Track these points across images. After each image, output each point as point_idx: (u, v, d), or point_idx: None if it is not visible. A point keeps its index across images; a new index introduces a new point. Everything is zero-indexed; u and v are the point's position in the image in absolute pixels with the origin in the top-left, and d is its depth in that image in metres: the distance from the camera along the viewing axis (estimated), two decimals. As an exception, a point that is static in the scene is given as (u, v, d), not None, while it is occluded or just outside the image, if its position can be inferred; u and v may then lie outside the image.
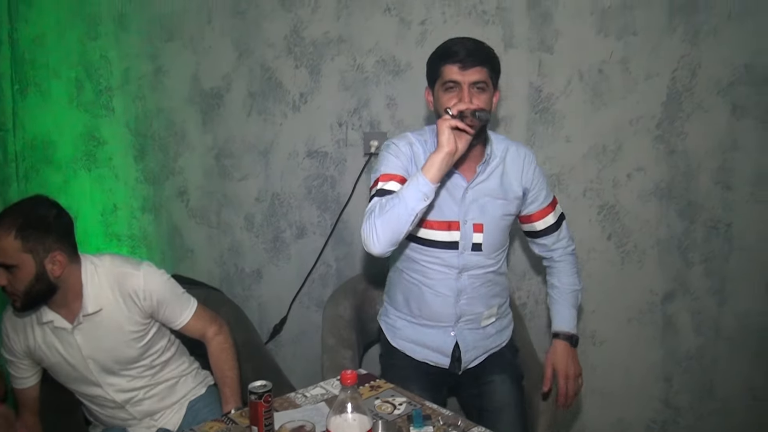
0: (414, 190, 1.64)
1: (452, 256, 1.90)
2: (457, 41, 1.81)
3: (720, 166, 2.53)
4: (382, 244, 1.69)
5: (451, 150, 1.63)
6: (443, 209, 1.86)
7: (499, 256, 1.99)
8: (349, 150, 2.70)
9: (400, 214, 1.65)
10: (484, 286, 1.96)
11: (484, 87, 1.77)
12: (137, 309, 1.89)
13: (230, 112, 2.72)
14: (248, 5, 2.64)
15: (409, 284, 1.98)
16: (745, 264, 2.58)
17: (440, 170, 1.64)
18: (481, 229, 1.89)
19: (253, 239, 2.80)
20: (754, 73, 2.46)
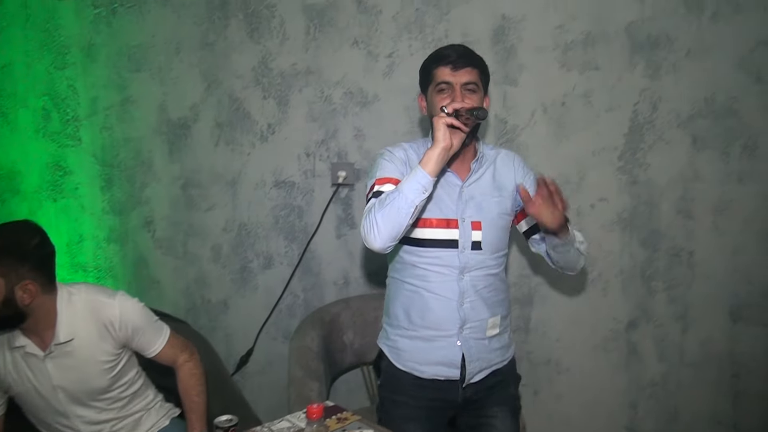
0: (413, 183, 1.62)
1: (452, 256, 1.81)
2: (448, 46, 1.83)
3: (681, 195, 2.52)
4: (383, 238, 1.63)
5: (446, 145, 1.62)
6: (441, 207, 1.80)
7: (499, 260, 1.89)
8: (316, 180, 2.63)
9: (400, 207, 1.61)
10: (487, 290, 1.85)
11: (475, 88, 1.77)
12: (111, 339, 1.82)
13: (198, 143, 2.64)
14: (217, 37, 2.59)
15: (409, 293, 1.86)
16: (708, 291, 2.53)
17: (437, 164, 1.62)
18: (480, 226, 1.82)
19: (220, 270, 2.71)
20: (713, 106, 2.44)
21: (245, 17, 2.55)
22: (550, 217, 1.71)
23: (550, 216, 1.71)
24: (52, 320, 1.77)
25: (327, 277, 2.66)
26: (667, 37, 2.43)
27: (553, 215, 1.70)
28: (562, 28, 2.47)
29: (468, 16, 2.47)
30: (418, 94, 1.91)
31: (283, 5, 2.54)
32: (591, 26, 2.46)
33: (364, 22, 2.52)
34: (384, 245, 1.66)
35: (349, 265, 2.65)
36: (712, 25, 2.41)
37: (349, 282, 2.67)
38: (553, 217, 1.70)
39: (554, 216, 1.70)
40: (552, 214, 1.70)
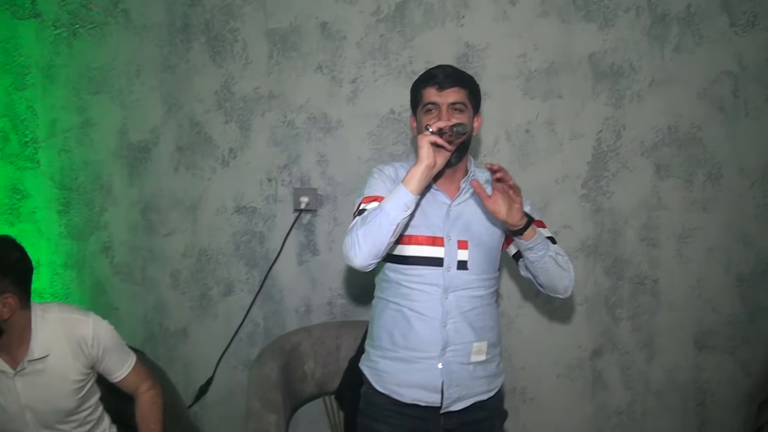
0: (395, 200, 1.58)
1: (437, 274, 1.71)
2: (437, 66, 1.77)
3: (645, 223, 2.45)
4: (364, 255, 1.59)
5: (430, 163, 1.57)
6: (428, 225, 1.73)
7: (487, 282, 1.77)
8: (278, 206, 2.50)
9: (381, 225, 1.57)
10: (474, 312, 1.73)
11: (463, 108, 1.71)
12: (83, 357, 1.78)
13: (157, 166, 2.50)
14: (179, 60, 2.48)
15: (393, 312, 1.76)
16: (673, 319, 2.44)
17: (420, 182, 1.57)
18: (466, 246, 1.73)
19: (179, 297, 2.56)
20: (676, 134, 2.38)
21: (208, 41, 2.46)
22: (507, 210, 1.61)
23: (506, 209, 1.61)
24: (26, 336, 1.73)
25: (288, 304, 2.54)
26: (631, 67, 2.38)
27: (510, 208, 1.61)
28: (525, 57, 2.41)
29: (432, 44, 2.40)
30: (411, 116, 1.85)
31: (246, 29, 2.45)
32: (554, 55, 2.40)
33: (328, 48, 2.44)
34: (365, 262, 1.61)
35: (311, 293, 2.54)
36: (676, 56, 2.37)
37: (311, 309, 2.55)
38: (510, 211, 1.61)
39: (512, 210, 1.61)
40: (510, 207, 1.61)
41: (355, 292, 2.52)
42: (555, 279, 1.73)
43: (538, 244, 1.66)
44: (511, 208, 1.61)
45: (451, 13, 2.40)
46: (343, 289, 2.53)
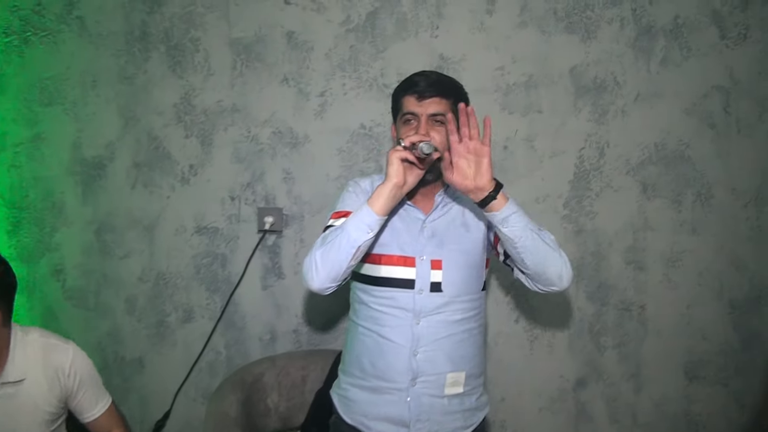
0: (357, 220, 1.45)
1: (407, 297, 1.56)
2: (420, 73, 1.61)
3: (631, 246, 2.29)
4: (321, 278, 1.46)
5: (398, 182, 1.45)
6: (400, 244, 1.58)
7: (466, 306, 1.59)
8: (241, 226, 2.33)
9: (341, 246, 1.44)
10: (450, 340, 1.56)
11: (444, 120, 1.54)
12: (58, 387, 1.67)
13: (113, 184, 2.32)
14: (136, 71, 2.32)
15: (363, 337, 1.61)
16: (661, 348, 2.27)
17: (387, 202, 1.45)
18: (440, 266, 1.57)
19: (135, 324, 2.38)
20: (664, 152, 2.24)
21: (167, 50, 2.30)
22: (475, 172, 1.44)
23: (474, 172, 1.44)
24: (3, 358, 1.62)
25: (252, 331, 2.36)
26: (615, 81, 2.24)
27: (479, 168, 1.44)
28: (503, 70, 2.26)
29: (404, 55, 2.25)
30: (392, 124, 1.70)
31: (208, 38, 2.29)
32: (533, 68, 2.26)
33: (294, 59, 2.29)
34: (322, 286, 1.48)
35: (275, 319, 2.36)
36: (662, 69, 2.22)
37: (276, 337, 2.37)
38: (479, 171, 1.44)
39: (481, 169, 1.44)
40: (478, 167, 1.44)
41: (323, 318, 2.34)
42: (544, 261, 1.49)
43: (513, 213, 1.45)
44: (480, 166, 1.43)
45: (425, 24, 2.25)
46: (310, 316, 2.35)
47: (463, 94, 1.63)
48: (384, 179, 1.48)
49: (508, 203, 1.46)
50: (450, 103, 1.56)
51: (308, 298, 2.34)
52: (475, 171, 1.45)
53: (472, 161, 1.46)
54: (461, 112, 1.45)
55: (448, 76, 1.65)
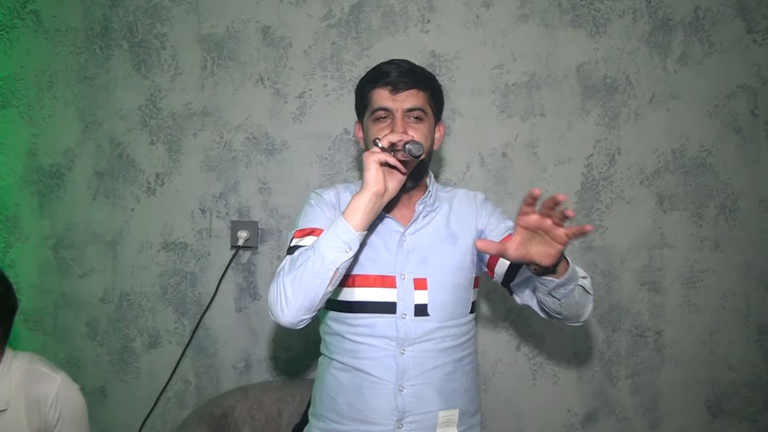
0: (332, 239, 1.21)
1: (389, 324, 1.33)
2: (390, 62, 1.38)
3: (646, 265, 2.03)
4: (293, 310, 1.22)
5: (378, 190, 1.22)
6: (377, 260, 1.36)
7: (456, 331, 1.37)
8: (213, 242, 2.08)
9: (315, 270, 1.20)
10: (439, 372, 1.35)
11: (422, 116, 1.35)
12: (36, 419, 1.52)
13: (72, 195, 2.08)
14: (97, 70, 2.08)
15: (337, 373, 1.38)
16: (680, 378, 2.01)
17: (366, 215, 1.22)
18: (425, 285, 1.35)
19: (97, 349, 2.12)
20: (682, 159, 1.98)
21: (131, 48, 2.06)
22: (544, 251, 1.12)
23: (543, 250, 1.12)
24: None
25: (224, 359, 2.10)
26: (627, 81, 1.99)
27: (548, 248, 1.12)
28: (501, 69, 2.02)
29: (392, 52, 2.00)
30: (356, 122, 1.47)
31: (176, 35, 2.06)
32: (535, 67, 2.01)
33: (270, 57, 2.05)
34: (294, 319, 1.24)
35: (250, 345, 2.10)
36: (681, 67, 1.97)
37: (250, 365, 2.11)
38: (549, 251, 1.12)
39: (550, 249, 1.12)
40: (547, 246, 1.12)
41: (303, 344, 2.09)
42: (578, 306, 1.28)
43: (569, 276, 1.20)
44: (549, 246, 1.13)
45: (415, 17, 2.01)
46: (288, 341, 2.10)
47: (437, 87, 1.42)
48: (360, 187, 1.24)
49: (569, 268, 1.20)
50: (427, 97, 1.37)
51: (286, 322, 2.08)
52: (545, 252, 1.14)
53: (540, 240, 1.14)
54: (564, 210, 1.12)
55: (421, 66, 1.42)
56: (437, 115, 1.42)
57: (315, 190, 1.48)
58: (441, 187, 1.50)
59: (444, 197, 1.46)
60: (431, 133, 1.38)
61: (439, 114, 1.44)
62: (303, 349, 2.10)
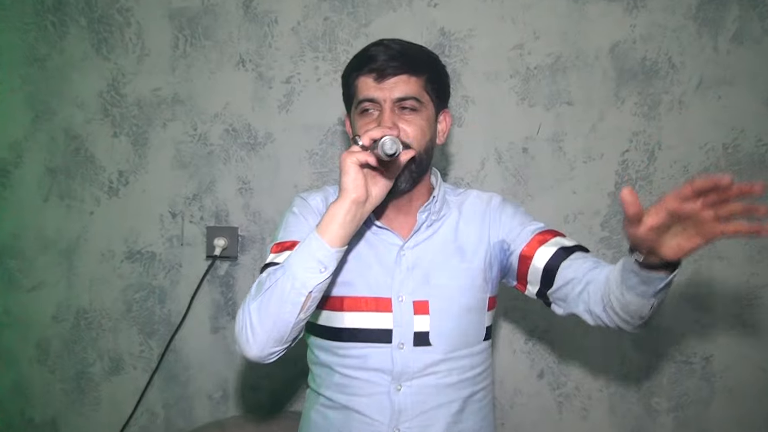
0: (304, 257, 1.03)
1: (384, 355, 1.14)
2: (378, 42, 1.18)
3: (692, 279, 1.72)
4: (260, 342, 1.04)
5: (357, 197, 1.03)
6: (370, 281, 1.17)
7: (465, 363, 1.17)
8: (185, 251, 1.78)
9: (284, 295, 1.02)
10: (443, 411, 1.15)
11: (416, 106, 1.14)
12: None
13: (20, 196, 1.78)
14: (50, 50, 1.77)
15: (325, 410, 1.20)
16: (734, 411, 1.73)
17: (344, 227, 1.03)
18: (427, 308, 1.15)
19: (47, 375, 1.81)
20: (737, 155, 1.68)
21: (90, 24, 1.76)
22: (678, 244, 0.89)
23: (677, 243, 0.89)
24: None
25: (198, 387, 1.80)
26: (670, 63, 1.70)
27: (686, 241, 0.89)
28: (522, 49, 1.73)
29: (395, 29, 1.72)
30: (344, 114, 1.28)
31: (142, 9, 1.75)
32: (561, 47, 1.72)
33: (253, 35, 1.75)
34: (262, 353, 1.06)
35: (228, 372, 1.80)
36: (735, 47, 1.68)
37: (228, 395, 1.80)
38: (684, 244, 0.89)
39: (686, 243, 0.89)
40: (685, 239, 0.89)
41: (289, 371, 1.80)
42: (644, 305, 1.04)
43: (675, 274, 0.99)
44: (689, 240, 0.89)
45: (422, -12, 1.72)
46: (272, 366, 1.79)
47: (439, 69, 1.21)
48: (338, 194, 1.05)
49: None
50: (423, 83, 1.16)
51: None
52: (674, 239, 0.91)
53: (679, 231, 0.90)
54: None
55: (419, 44, 1.20)
56: (440, 103, 1.21)
57: (299, 194, 1.27)
58: (452, 189, 1.29)
59: (453, 202, 1.26)
60: (431, 125, 1.18)
61: (444, 101, 1.22)
62: (288, 378, 1.80)
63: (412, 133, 1.12)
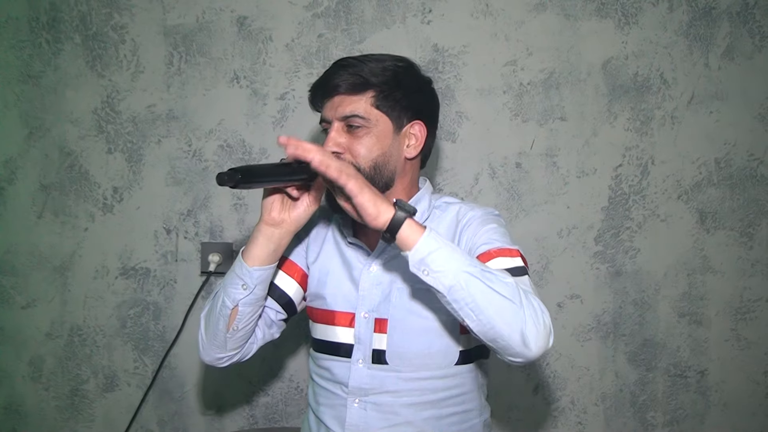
0: (231, 274, 1.10)
1: (344, 368, 1.15)
2: (336, 62, 1.15)
3: (686, 293, 1.72)
4: (205, 347, 1.17)
5: (268, 219, 1.05)
6: (337, 296, 1.18)
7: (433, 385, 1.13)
8: (180, 267, 1.77)
9: (216, 308, 1.12)
10: (400, 429, 1.11)
11: (362, 123, 1.09)
12: None
13: (14, 212, 1.77)
14: (44, 67, 1.77)
15: (309, 415, 1.24)
16: (729, 425, 1.73)
17: (259, 247, 1.06)
18: (386, 327, 1.13)
19: (41, 393, 1.79)
20: (728, 170, 1.69)
21: (84, 41, 1.76)
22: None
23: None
24: None
25: (193, 404, 1.78)
26: (662, 79, 1.70)
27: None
28: (515, 65, 1.73)
29: (388, 46, 1.71)
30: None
31: (137, 26, 1.75)
32: (555, 62, 1.72)
33: (247, 51, 1.75)
34: (209, 358, 1.18)
35: (224, 388, 1.77)
36: (727, 63, 1.69)
37: (224, 412, 1.77)
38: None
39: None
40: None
41: (286, 386, 1.78)
42: (491, 319, 0.92)
43: (436, 251, 0.93)
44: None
45: (414, 6, 1.73)
46: (268, 382, 1.79)
47: (398, 81, 1.12)
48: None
49: (424, 235, 0.94)
50: (371, 99, 1.10)
51: (266, 360, 1.77)
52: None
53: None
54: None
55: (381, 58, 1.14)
56: (405, 115, 1.13)
57: None
58: (447, 203, 1.21)
59: (437, 218, 1.19)
60: (382, 140, 1.11)
61: (412, 112, 1.14)
62: (285, 394, 1.78)
63: (357, 151, 1.09)
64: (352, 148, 1.09)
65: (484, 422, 1.23)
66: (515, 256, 1.08)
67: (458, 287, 0.92)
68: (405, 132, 1.14)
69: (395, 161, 1.13)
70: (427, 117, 1.17)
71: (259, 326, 1.21)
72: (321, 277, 1.20)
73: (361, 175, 0.97)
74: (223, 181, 0.89)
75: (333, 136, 1.10)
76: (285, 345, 1.76)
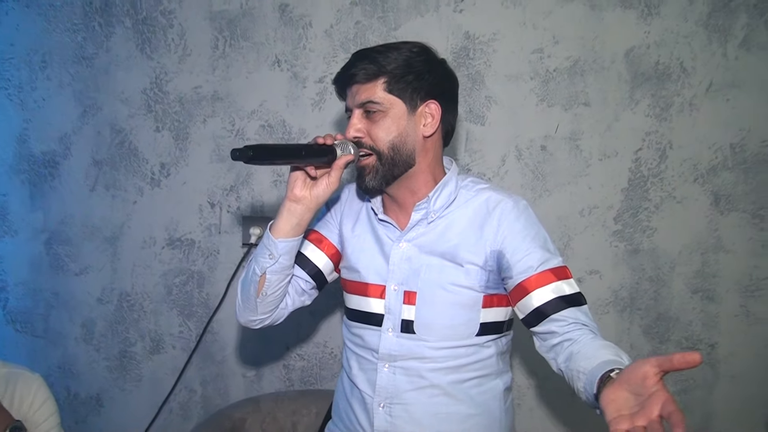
0: (261, 245, 1.25)
1: (374, 336, 1.27)
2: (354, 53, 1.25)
3: (699, 270, 1.85)
4: (240, 311, 1.33)
5: (291, 196, 1.20)
6: (370, 269, 1.29)
7: (453, 352, 1.23)
8: (222, 239, 1.92)
9: (248, 276, 1.27)
10: (425, 393, 1.23)
11: (377, 108, 1.19)
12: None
13: (68, 186, 1.93)
14: (97, 49, 1.91)
15: (343, 378, 1.37)
16: (737, 396, 1.85)
17: (284, 221, 1.21)
18: (414, 299, 1.24)
19: (93, 354, 1.96)
20: (743, 155, 1.80)
21: (134, 25, 1.89)
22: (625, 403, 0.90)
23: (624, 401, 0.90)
24: None
25: (233, 366, 1.94)
26: (681, 68, 1.81)
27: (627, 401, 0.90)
28: (542, 53, 1.84)
29: (422, 33, 1.84)
30: None
31: (184, 11, 1.88)
32: (579, 51, 1.84)
33: (288, 37, 1.87)
34: (243, 320, 1.34)
35: (262, 352, 1.93)
36: (743, 53, 1.79)
37: (262, 374, 1.94)
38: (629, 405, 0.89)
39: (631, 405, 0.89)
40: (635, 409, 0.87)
41: (320, 351, 1.92)
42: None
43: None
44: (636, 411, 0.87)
45: (448, -6, 1.83)
46: (303, 348, 1.93)
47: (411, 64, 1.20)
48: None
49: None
50: (384, 85, 1.19)
51: (302, 326, 1.92)
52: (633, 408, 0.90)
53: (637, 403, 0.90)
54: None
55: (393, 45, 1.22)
56: (419, 96, 1.20)
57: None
58: (474, 184, 1.29)
59: (466, 198, 1.27)
60: (399, 122, 1.20)
61: (427, 93, 1.21)
62: (320, 359, 1.93)
63: (375, 134, 1.19)
64: (371, 132, 1.20)
65: (505, 385, 1.32)
66: (569, 276, 1.20)
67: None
68: (420, 112, 1.21)
69: (413, 140, 1.21)
70: (441, 96, 1.23)
71: (290, 294, 1.34)
72: (356, 252, 1.31)
73: None
74: (236, 156, 1.02)
75: (354, 122, 1.20)
76: (320, 313, 1.91)
